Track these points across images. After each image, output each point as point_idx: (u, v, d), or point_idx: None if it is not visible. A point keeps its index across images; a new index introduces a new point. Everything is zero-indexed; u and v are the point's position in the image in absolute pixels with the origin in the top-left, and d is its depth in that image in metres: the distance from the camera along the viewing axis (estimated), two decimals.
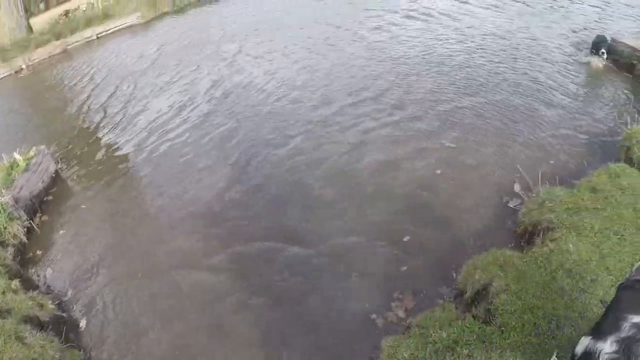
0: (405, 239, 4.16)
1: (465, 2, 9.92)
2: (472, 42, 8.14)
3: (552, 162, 4.99)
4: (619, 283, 2.20)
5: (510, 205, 4.41)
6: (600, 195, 3.79)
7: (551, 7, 9.41)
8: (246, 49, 9.03)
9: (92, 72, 9.73)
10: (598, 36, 7.38)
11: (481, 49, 7.82)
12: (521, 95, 6.35)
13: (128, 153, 6.18)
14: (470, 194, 4.61)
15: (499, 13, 9.42)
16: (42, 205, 5.32)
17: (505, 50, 7.69)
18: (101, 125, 7.16)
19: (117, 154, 6.23)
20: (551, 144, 5.29)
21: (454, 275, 3.65)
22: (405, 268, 3.88)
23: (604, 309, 2.11)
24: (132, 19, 12.97)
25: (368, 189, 4.88)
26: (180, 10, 13.42)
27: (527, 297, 3.02)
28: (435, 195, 4.67)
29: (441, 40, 8.22)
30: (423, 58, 7.58)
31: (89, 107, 7.92)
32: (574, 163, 4.95)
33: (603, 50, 7.04)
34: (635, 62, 7.38)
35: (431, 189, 4.76)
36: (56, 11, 16.08)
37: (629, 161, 4.56)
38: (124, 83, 8.55)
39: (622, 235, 3.40)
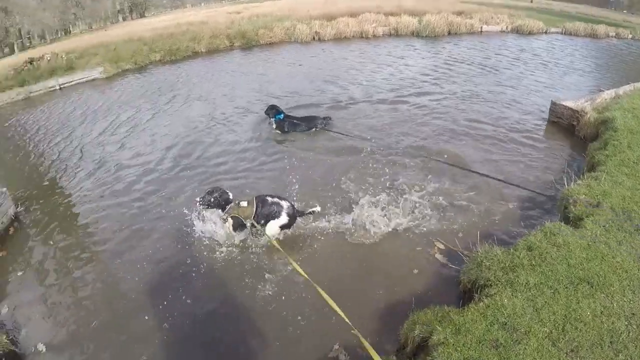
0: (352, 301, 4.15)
1: None
2: None
3: (492, 225, 5.22)
4: None
5: (441, 260, 4.65)
6: (535, 252, 4.04)
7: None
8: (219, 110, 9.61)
9: (51, 121, 9.87)
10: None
11: None
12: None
13: (86, 200, 6.20)
14: (410, 262, 4.73)
15: None
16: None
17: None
18: (59, 171, 7.20)
19: (75, 201, 6.21)
20: (491, 209, 5.53)
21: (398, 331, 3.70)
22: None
23: None
24: (95, 73, 13.46)
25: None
26: (142, 68, 14.27)
27: (463, 349, 3.11)
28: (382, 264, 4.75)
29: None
30: None
31: (47, 154, 7.97)
32: (512, 224, 5.21)
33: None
34: (574, 123, 7.81)
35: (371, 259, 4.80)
36: (21, 57, 15.98)
37: (566, 220, 4.82)
38: (78, 132, 8.90)
39: (557, 289, 3.62)
